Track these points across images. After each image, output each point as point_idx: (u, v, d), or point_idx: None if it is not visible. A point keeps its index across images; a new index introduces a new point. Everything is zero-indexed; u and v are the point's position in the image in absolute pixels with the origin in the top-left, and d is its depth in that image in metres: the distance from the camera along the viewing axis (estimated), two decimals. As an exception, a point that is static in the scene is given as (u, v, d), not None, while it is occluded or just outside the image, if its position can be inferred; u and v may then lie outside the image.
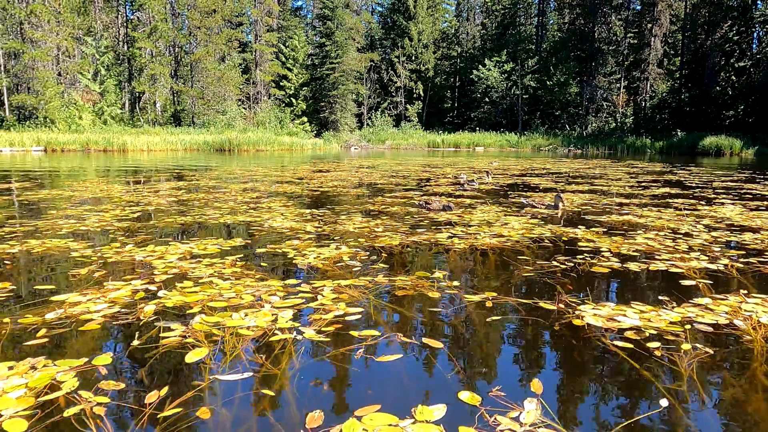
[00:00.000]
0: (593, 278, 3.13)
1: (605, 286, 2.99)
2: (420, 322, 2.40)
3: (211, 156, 23.54)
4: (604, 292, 2.88)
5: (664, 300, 2.68)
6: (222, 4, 41.17)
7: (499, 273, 3.28)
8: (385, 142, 41.19)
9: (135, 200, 6.54)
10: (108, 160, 18.61)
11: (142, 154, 25.86)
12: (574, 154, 29.84)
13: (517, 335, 2.29)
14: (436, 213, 5.66)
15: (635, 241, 4.14)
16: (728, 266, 3.39)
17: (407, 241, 4.12)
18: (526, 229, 4.68)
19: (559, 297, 2.72)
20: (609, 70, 40.84)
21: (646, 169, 14.63)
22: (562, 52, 41.83)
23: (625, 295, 2.83)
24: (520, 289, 2.92)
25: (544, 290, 2.89)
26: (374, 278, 3.02)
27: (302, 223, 4.86)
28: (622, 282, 3.08)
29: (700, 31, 36.28)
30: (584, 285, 2.97)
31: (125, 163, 16.09)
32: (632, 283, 3.06)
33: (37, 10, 32.93)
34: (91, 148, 27.60)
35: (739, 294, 2.77)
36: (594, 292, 2.85)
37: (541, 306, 2.58)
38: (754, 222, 5.15)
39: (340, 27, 44.28)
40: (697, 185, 9.37)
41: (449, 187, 8.60)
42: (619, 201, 6.89)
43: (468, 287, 2.91)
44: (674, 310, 2.50)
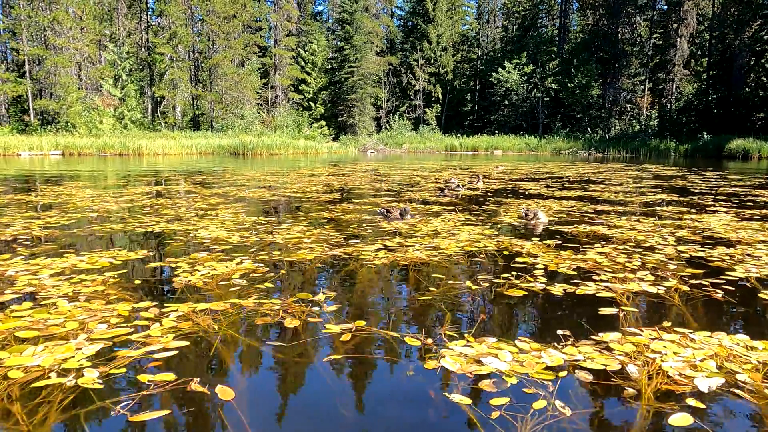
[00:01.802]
0: (499, 304, 2.70)
1: (505, 315, 2.55)
2: (243, 361, 2.01)
3: (225, 160, 23.51)
4: (498, 323, 2.44)
5: (563, 335, 2.24)
6: (242, 10, 41.50)
7: (395, 296, 2.87)
8: (403, 145, 40.83)
9: (87, 206, 6.31)
10: (120, 163, 18.70)
11: (156, 157, 26.02)
12: (595, 158, 28.93)
13: (343, 384, 1.88)
14: (389, 222, 5.25)
15: (584, 257, 3.67)
16: (672, 290, 2.91)
17: (326, 255, 3.73)
18: (471, 241, 4.24)
19: (436, 329, 2.30)
20: (633, 71, 39.68)
21: (658, 173, 13.90)
22: (584, 54, 40.82)
23: (520, 327, 2.39)
24: (403, 317, 2.50)
25: (429, 319, 2.47)
26: (243, 300, 2.64)
27: (232, 233, 4.52)
28: (529, 310, 2.64)
29: (729, 31, 34.88)
30: (481, 312, 2.54)
31: (131, 167, 16.08)
32: (540, 312, 2.61)
33: (59, 17, 33.66)
34: (108, 152, 27.97)
35: (657, 329, 2.30)
36: (488, 321, 2.42)
37: (406, 341, 2.16)
38: (736, 234, 4.60)
39: (358, 31, 44.16)
40: (701, 191, 8.73)
41: (428, 193, 8.17)
42: (601, 209, 6.36)
43: (343, 314, 2.51)
44: (563, 350, 2.05)
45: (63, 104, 32.98)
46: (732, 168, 17.05)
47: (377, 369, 1.95)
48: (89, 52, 36.01)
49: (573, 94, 40.50)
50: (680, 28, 36.95)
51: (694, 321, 2.47)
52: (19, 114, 36.99)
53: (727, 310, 2.64)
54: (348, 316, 2.47)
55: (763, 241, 4.27)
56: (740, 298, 2.80)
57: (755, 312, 2.63)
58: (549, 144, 37.13)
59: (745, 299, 2.80)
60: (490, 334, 2.24)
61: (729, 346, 2.08)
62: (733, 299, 2.78)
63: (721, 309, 2.65)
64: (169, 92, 39.34)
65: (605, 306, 2.64)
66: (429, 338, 2.18)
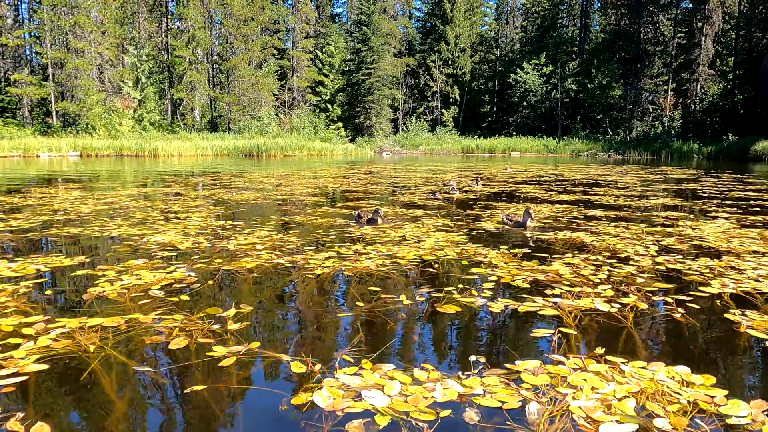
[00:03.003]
0: (424, 322, 2.43)
1: (423, 335, 2.29)
2: (95, 392, 1.79)
3: (239, 161, 23.54)
4: (409, 345, 2.18)
5: (475, 361, 1.96)
6: (260, 12, 41.72)
7: (314, 312, 2.62)
8: (419, 147, 40.52)
9: (62, 208, 6.20)
10: (134, 164, 18.82)
11: (171, 159, 26.22)
12: (614, 160, 28.22)
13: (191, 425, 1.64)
14: (359, 227, 5.01)
15: (547, 268, 3.37)
16: (627, 308, 2.60)
17: (270, 264, 3.50)
18: (434, 249, 3.97)
19: (337, 353, 2.04)
20: (656, 71, 38.66)
21: (673, 176, 13.36)
22: (605, 54, 39.95)
23: (431, 351, 2.12)
24: (309, 337, 2.26)
25: (336, 340, 2.22)
26: (143, 315, 2.43)
27: (187, 238, 4.33)
28: (453, 330, 2.37)
29: (756, 29, 33.73)
30: (398, 332, 2.28)
31: (142, 168, 16.14)
32: (464, 332, 2.34)
33: (81, 21, 34.23)
34: (124, 153, 28.31)
35: (585, 357, 2.01)
36: (398, 343, 2.16)
37: (292, 368, 1.91)
38: (728, 243, 4.23)
39: (376, 32, 43.97)
40: (710, 195, 8.27)
41: (420, 196, 7.89)
42: (593, 214, 6.01)
43: (247, 333, 2.27)
44: (464, 381, 1.78)
45: (83, 106, 33.51)
46: (756, 171, 16.35)
47: (243, 403, 1.71)
48: (110, 56, 36.54)
49: (593, 95, 39.66)
50: (705, 26, 35.87)
51: (638, 346, 2.17)
52: (43, 116, 37.76)
53: (681, 333, 2.34)
54: (248, 335, 2.24)
55: (755, 252, 3.91)
56: (702, 320, 2.49)
57: (712, 337, 2.31)
58: (568, 146, 36.41)
59: (708, 321, 2.49)
60: (394, 358, 1.98)
61: (661, 381, 1.78)
62: (694, 320, 2.46)
63: (674, 332, 2.35)
64: (187, 94, 39.68)
65: (543, 326, 2.35)
66: (321, 363, 1.93)
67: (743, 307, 2.63)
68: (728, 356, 2.11)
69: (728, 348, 2.19)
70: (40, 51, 37.55)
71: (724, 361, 2.06)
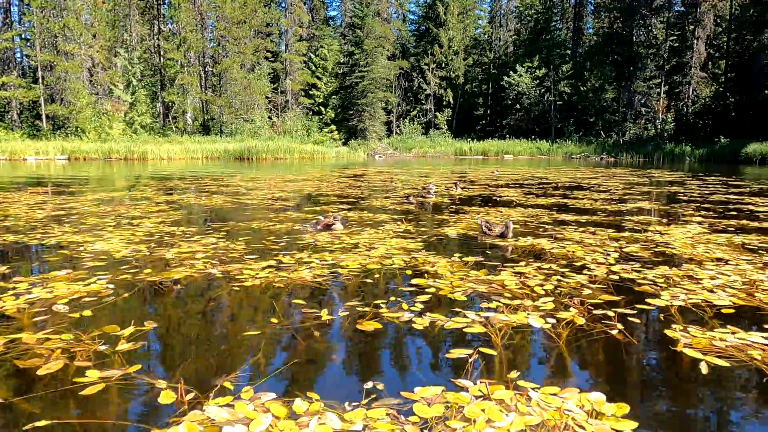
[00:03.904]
0: (334, 342, 2.24)
1: (326, 358, 2.09)
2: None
3: (229, 164, 23.34)
4: (306, 370, 1.98)
5: (370, 389, 1.77)
6: (252, 15, 41.57)
7: (219, 329, 2.42)
8: (412, 150, 40.39)
9: (15, 213, 5.99)
10: (122, 168, 18.58)
11: (161, 162, 26.01)
12: (607, 162, 28.10)
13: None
14: (315, 234, 4.81)
15: (493, 278, 3.18)
16: (563, 324, 2.41)
17: (200, 274, 3.30)
18: (383, 257, 3.78)
19: (219, 379, 1.85)
20: (648, 74, 38.57)
21: (659, 178, 13.20)
22: (598, 57, 39.88)
23: (326, 378, 1.92)
24: (200, 358, 2.06)
25: (227, 363, 2.02)
26: (30, 334, 2.22)
27: (129, 246, 4.13)
28: (363, 352, 2.17)
29: (747, 32, 33.70)
30: (301, 353, 2.08)
31: (127, 172, 15.91)
32: (373, 354, 2.14)
33: (69, 23, 33.99)
34: (113, 157, 28.04)
35: (490, 382, 1.81)
36: (294, 367, 1.96)
37: (159, 399, 1.71)
38: (693, 250, 4.05)
39: (369, 35, 43.87)
40: (690, 199, 8.10)
41: (393, 200, 7.70)
42: (563, 218, 5.82)
43: (135, 353, 2.07)
44: (346, 415, 1.58)
45: (72, 109, 33.25)
46: (746, 173, 16.22)
47: (90, 439, 1.51)
48: (100, 59, 36.30)
49: (586, 98, 39.58)
50: (697, 29, 35.82)
51: (562, 369, 1.98)
52: (32, 119, 37.47)
53: (612, 353, 2.14)
54: (135, 357, 2.04)
55: (718, 260, 3.73)
56: (640, 337, 2.30)
57: (643, 357, 2.12)
58: (561, 148, 36.29)
59: (645, 338, 2.30)
60: (283, 386, 1.78)
61: (568, 411, 1.59)
62: (631, 337, 2.27)
63: (605, 352, 2.15)
64: (179, 97, 39.43)
65: (463, 345, 2.16)
66: (199, 391, 1.73)
67: (688, 322, 2.44)
68: (653, 381, 1.92)
69: (657, 370, 2.01)
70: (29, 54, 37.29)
71: (647, 386, 1.87)
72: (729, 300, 2.77)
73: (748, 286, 3.03)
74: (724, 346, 2.15)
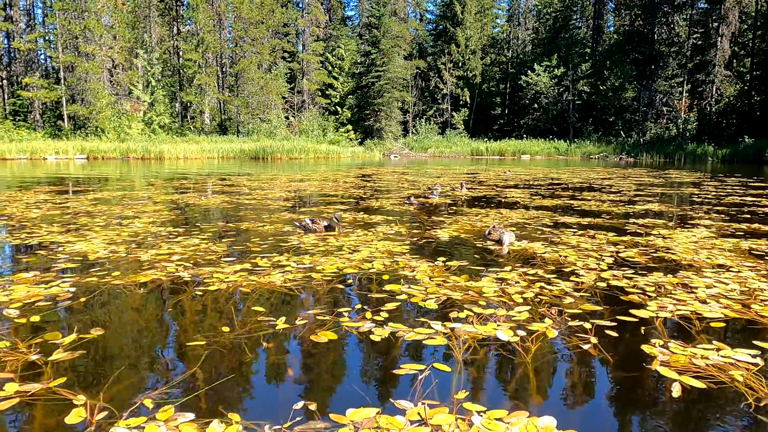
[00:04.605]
0: (277, 355, 2.10)
1: (253, 378, 1.95)
2: None
3: (244, 164, 23.42)
4: (236, 389, 1.84)
5: (299, 409, 1.62)
6: (270, 15, 41.74)
7: (162, 340, 2.30)
8: (428, 150, 40.14)
9: (11, 212, 5.98)
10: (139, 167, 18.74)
11: (177, 162, 26.24)
12: (626, 163, 27.53)
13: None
14: (304, 235, 4.69)
15: (472, 285, 3.01)
16: (533, 338, 2.24)
17: (169, 277, 3.20)
18: (364, 260, 3.63)
19: (141, 396, 1.72)
20: (670, 73, 37.76)
21: (676, 179, 12.81)
22: (618, 55, 39.14)
23: (250, 397, 1.78)
24: (133, 372, 1.93)
25: (160, 378, 1.89)
26: (-34, 342, 2.13)
27: (110, 246, 4.05)
28: (305, 367, 2.02)
29: (774, 28, 32.73)
30: (225, 373, 1.95)
31: (142, 171, 16.03)
32: (311, 372, 1.99)
33: (90, 25, 34.51)
34: (130, 156, 28.37)
35: (430, 404, 1.65)
36: (215, 389, 1.83)
37: (67, 419, 1.59)
38: (695, 255, 3.82)
39: (386, 35, 43.75)
40: (704, 200, 7.79)
41: (395, 201, 7.54)
42: (565, 221, 5.60)
43: (57, 367, 1.96)
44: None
45: (93, 109, 33.73)
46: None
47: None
48: (119, 59, 36.79)
49: (606, 97, 38.89)
50: (721, 26, 34.92)
51: (521, 388, 1.81)
52: (54, 119, 38.14)
53: (580, 371, 1.97)
54: (66, 368, 1.92)
55: (719, 266, 3.50)
56: (614, 353, 2.11)
57: (612, 377, 1.94)
58: (579, 148, 35.68)
59: (619, 354, 2.11)
60: (208, 404, 1.65)
61: (510, 442, 1.42)
62: (604, 353, 2.09)
63: (573, 369, 1.98)
64: (197, 97, 39.76)
65: (419, 360, 2.00)
66: (116, 410, 1.60)
67: (671, 337, 2.25)
68: (616, 404, 1.74)
69: (624, 391, 1.82)
70: (52, 55, 38.00)
71: (607, 410, 1.70)
72: (721, 312, 2.56)
73: (745, 297, 2.82)
74: (705, 364, 1.96)
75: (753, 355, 2.04)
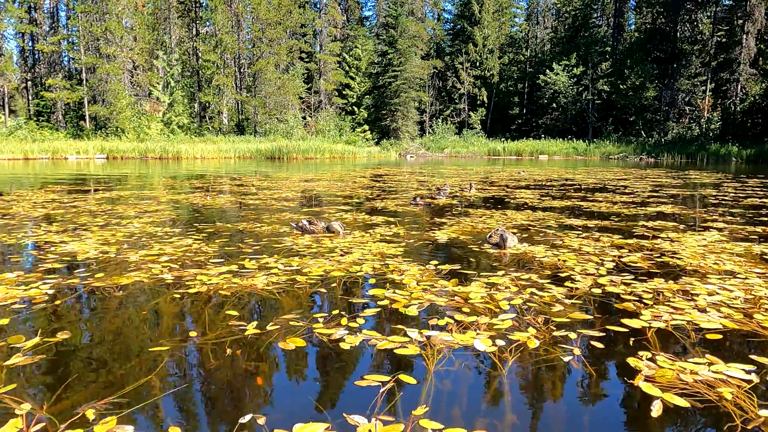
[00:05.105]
0: (236, 365, 2.01)
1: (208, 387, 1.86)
2: None
3: (260, 164, 23.53)
4: (174, 402, 1.75)
5: (250, 421, 1.53)
6: (287, 16, 41.91)
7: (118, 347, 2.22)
8: (444, 150, 39.89)
9: (16, 212, 6.02)
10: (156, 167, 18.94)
11: (194, 161, 26.49)
12: (646, 163, 27.00)
13: None
14: (300, 236, 4.61)
15: (460, 289, 2.89)
16: (510, 349, 2.12)
17: (152, 279, 3.14)
18: (353, 263, 3.54)
19: (85, 406, 1.64)
20: (693, 71, 36.95)
21: (695, 180, 12.46)
22: (639, 54, 38.43)
23: (191, 409, 1.69)
24: (80, 382, 1.86)
25: (105, 386, 1.82)
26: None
27: (103, 246, 4.02)
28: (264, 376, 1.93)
29: (802, 25, 31.81)
30: (179, 382, 1.86)
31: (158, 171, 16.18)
32: (270, 381, 1.90)
33: (111, 27, 35.03)
34: (149, 156, 28.71)
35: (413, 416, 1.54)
36: (164, 400, 1.74)
37: (8, 425, 1.52)
38: (702, 261, 3.64)
39: (403, 35, 43.62)
40: (721, 202, 7.53)
41: (401, 201, 7.43)
42: (571, 223, 5.44)
43: (9, 373, 1.90)
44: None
45: (113, 110, 34.22)
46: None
47: None
48: (140, 61, 37.27)
49: (626, 96, 38.23)
50: (747, 24, 34.07)
51: (491, 403, 1.70)
52: (77, 120, 38.80)
53: (554, 387, 1.84)
54: (21, 374, 1.86)
55: (726, 273, 3.32)
56: (597, 365, 1.98)
57: (589, 393, 1.81)
58: (598, 148, 35.13)
59: (602, 367, 1.98)
60: (152, 416, 1.57)
61: (461, 466, 1.31)
62: (586, 366, 1.96)
63: (548, 385, 1.85)
64: (215, 98, 40.10)
65: (385, 371, 1.89)
66: (56, 419, 1.53)
67: (662, 349, 2.11)
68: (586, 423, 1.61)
69: (597, 409, 1.69)
70: (74, 57, 38.68)
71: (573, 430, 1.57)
72: (720, 322, 2.40)
73: (749, 305, 2.65)
74: (693, 380, 1.81)
75: (747, 371, 1.89)
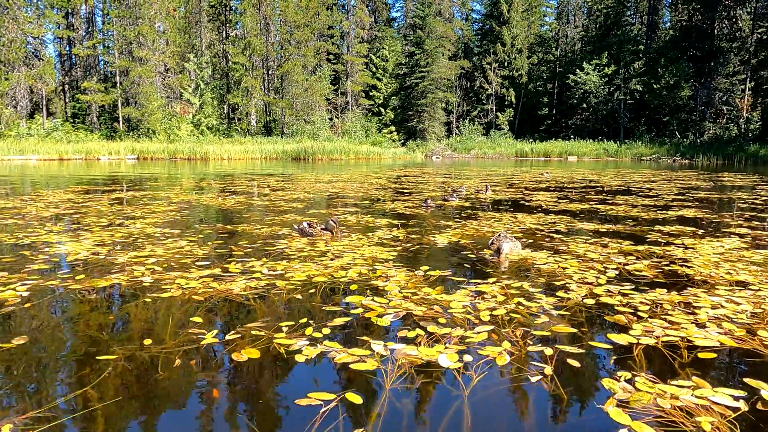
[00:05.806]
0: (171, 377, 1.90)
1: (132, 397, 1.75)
2: None
3: (285, 164, 23.72)
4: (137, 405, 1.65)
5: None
6: (315, 18, 42.18)
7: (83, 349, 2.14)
8: (471, 151, 39.51)
9: (23, 211, 6.11)
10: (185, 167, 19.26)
11: (222, 162, 26.88)
12: (680, 165, 26.14)
13: None
14: (299, 238, 4.52)
15: (441, 298, 2.74)
16: (479, 364, 1.96)
17: (132, 282, 3.08)
18: (340, 267, 3.42)
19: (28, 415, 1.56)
20: (731, 69, 35.67)
21: (727, 183, 11.93)
22: (674, 52, 37.30)
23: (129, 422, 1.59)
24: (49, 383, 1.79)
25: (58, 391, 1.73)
26: None
27: (99, 247, 4.00)
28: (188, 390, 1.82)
29: None
30: (112, 395, 1.77)
31: (185, 171, 16.43)
32: (197, 395, 1.78)
33: (144, 31, 35.84)
34: (178, 157, 29.25)
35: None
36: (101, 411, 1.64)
37: None
38: (714, 270, 3.39)
39: (430, 35, 43.42)
40: (750, 207, 7.14)
41: (412, 203, 7.28)
42: (581, 227, 5.20)
43: (-42, 378, 1.84)
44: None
45: (145, 112, 34.99)
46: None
47: None
48: (171, 63, 38.02)
49: (660, 96, 37.16)
50: (789, 19, 32.71)
51: (451, 429, 1.55)
52: (110, 121, 39.83)
53: (515, 408, 1.68)
54: (-47, 382, 1.80)
55: (738, 283, 3.08)
56: (569, 386, 1.81)
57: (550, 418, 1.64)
58: (630, 150, 34.24)
59: (575, 389, 1.80)
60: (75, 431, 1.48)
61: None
62: (557, 388, 1.79)
63: (508, 406, 1.69)
64: (243, 99, 40.63)
65: (333, 389, 1.76)
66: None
67: (645, 369, 1.92)
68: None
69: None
70: (109, 60, 39.73)
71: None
72: (718, 339, 2.19)
73: (755, 321, 2.42)
74: (671, 406, 1.63)
75: (736, 397, 1.69)
